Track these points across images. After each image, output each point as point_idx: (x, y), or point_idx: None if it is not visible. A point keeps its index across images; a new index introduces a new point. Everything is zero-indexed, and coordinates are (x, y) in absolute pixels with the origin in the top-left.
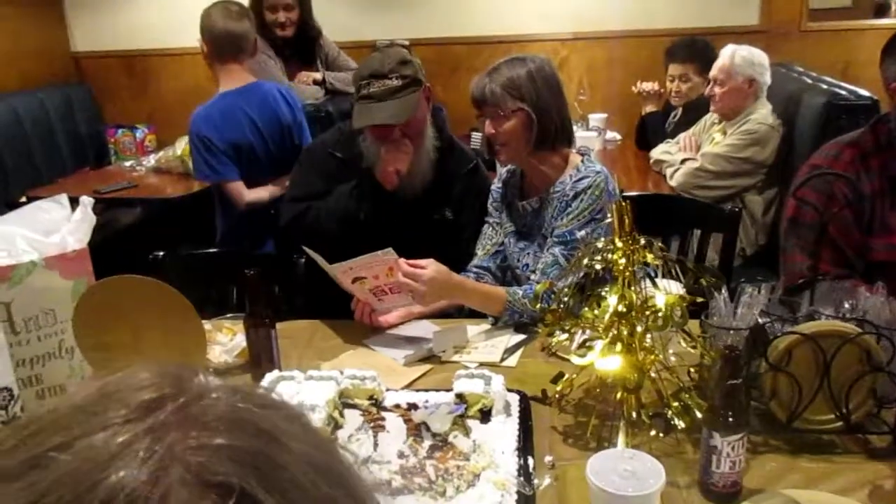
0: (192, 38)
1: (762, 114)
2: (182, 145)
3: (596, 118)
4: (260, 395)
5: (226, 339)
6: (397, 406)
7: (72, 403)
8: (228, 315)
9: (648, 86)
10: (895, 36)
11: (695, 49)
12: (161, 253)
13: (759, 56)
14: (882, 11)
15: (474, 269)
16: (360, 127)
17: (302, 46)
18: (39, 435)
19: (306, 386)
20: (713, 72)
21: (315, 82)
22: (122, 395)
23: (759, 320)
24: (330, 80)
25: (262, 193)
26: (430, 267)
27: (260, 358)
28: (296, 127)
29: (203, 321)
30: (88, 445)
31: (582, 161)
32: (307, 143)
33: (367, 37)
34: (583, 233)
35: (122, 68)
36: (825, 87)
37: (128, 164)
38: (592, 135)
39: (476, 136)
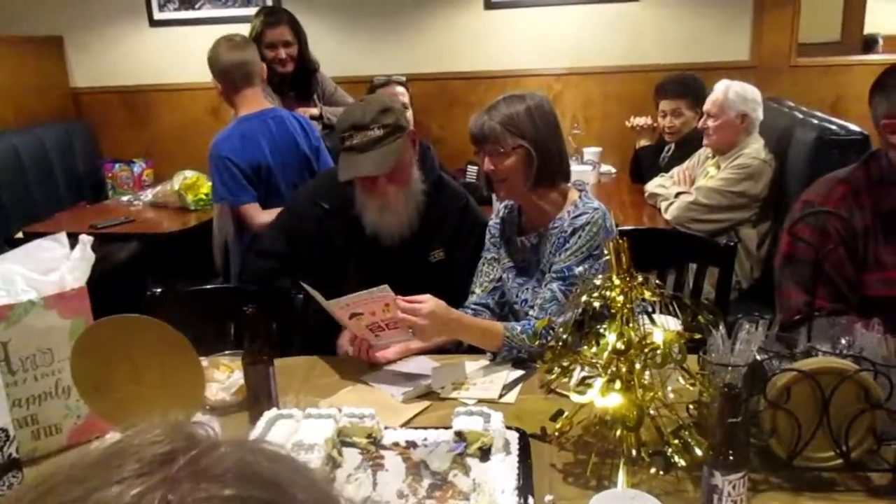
0: (190, 74)
1: (755, 148)
2: (180, 180)
3: (591, 152)
4: (267, 448)
5: (223, 377)
6: (396, 444)
7: (87, 459)
8: (226, 352)
9: (641, 120)
10: (883, 74)
11: (685, 84)
12: (159, 290)
13: (753, 92)
14: (870, 46)
15: (472, 307)
16: (344, 179)
17: (300, 82)
18: (57, 489)
19: (304, 424)
20: (707, 105)
21: (312, 118)
22: (135, 449)
23: (757, 357)
24: (327, 116)
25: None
26: (429, 301)
27: (258, 395)
28: (313, 153)
29: (200, 358)
30: (103, 498)
31: (580, 197)
32: (326, 161)
33: (364, 72)
34: (581, 269)
35: (120, 103)
36: (816, 121)
37: (125, 198)
38: (587, 168)
39: (472, 170)
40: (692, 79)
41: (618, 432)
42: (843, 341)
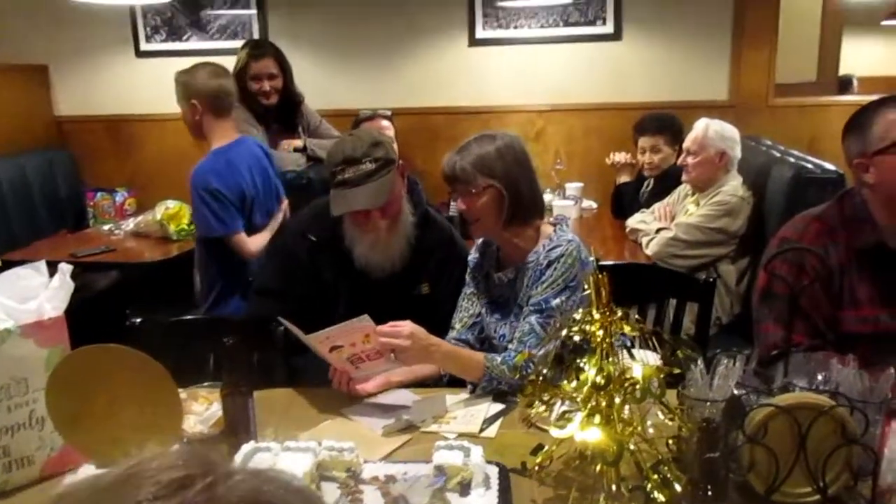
0: (175, 105)
1: (733, 185)
2: (162, 210)
3: (572, 187)
4: (281, 478)
5: (201, 409)
6: (375, 478)
7: (104, 482)
8: (205, 384)
9: (621, 156)
10: (855, 115)
11: (664, 122)
12: (138, 319)
13: (731, 131)
14: (845, 87)
15: (452, 342)
16: (338, 214)
17: (284, 114)
18: None
19: (283, 457)
20: (686, 143)
21: (296, 149)
22: (152, 473)
23: (735, 392)
24: (311, 147)
25: (261, 241)
26: (409, 325)
27: (236, 428)
28: (274, 176)
29: (179, 390)
30: None
31: (554, 230)
32: (283, 191)
33: (349, 105)
34: (558, 301)
35: (104, 132)
36: (793, 160)
37: (106, 227)
38: (569, 203)
39: (455, 205)
40: (670, 117)
41: (598, 467)
42: (820, 377)
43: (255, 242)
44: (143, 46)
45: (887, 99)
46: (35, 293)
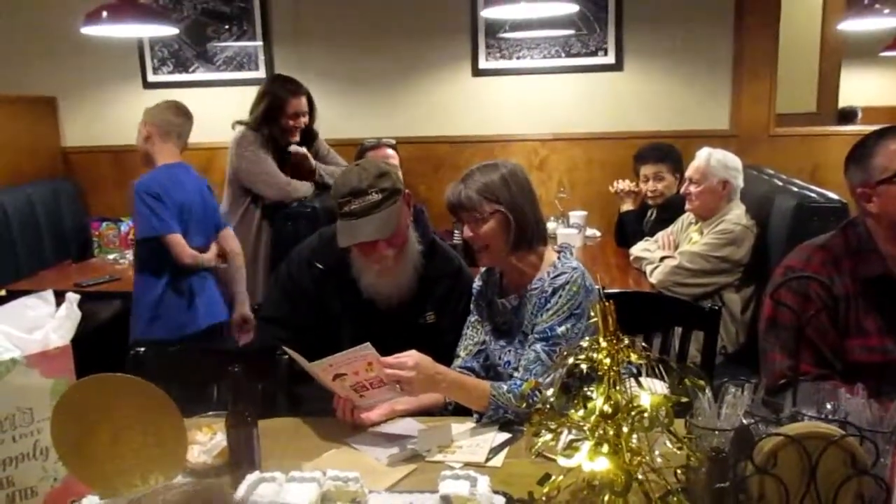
0: None
1: (736, 214)
2: None
3: (576, 215)
4: None
5: (205, 439)
6: None
7: None
8: (209, 413)
9: (624, 185)
10: (857, 144)
11: (664, 151)
12: (142, 349)
13: (733, 160)
14: (849, 118)
15: (457, 370)
16: (345, 245)
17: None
18: None
19: (287, 488)
20: (689, 172)
21: (308, 170)
22: None
23: (744, 421)
24: (320, 173)
25: (202, 255)
26: (414, 354)
27: (240, 458)
28: (213, 208)
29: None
30: None
31: (558, 258)
32: (225, 222)
33: (354, 135)
34: (563, 328)
35: (110, 162)
36: (795, 189)
37: (111, 256)
38: (573, 232)
39: (458, 233)
40: (669, 146)
41: (606, 497)
42: (829, 406)
43: (196, 254)
44: (151, 78)
45: (888, 129)
46: (42, 323)
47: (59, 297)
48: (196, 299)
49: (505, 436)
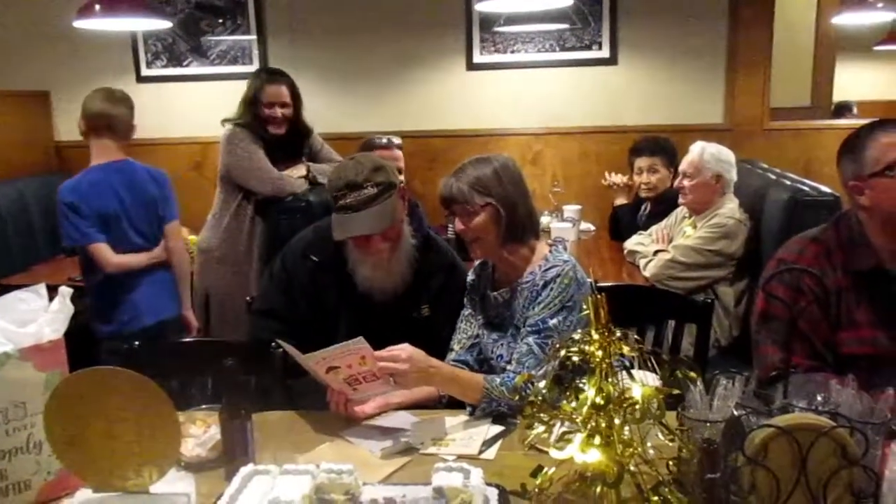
0: (175, 129)
1: (730, 208)
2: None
3: (570, 209)
4: None
5: (199, 432)
6: (374, 501)
7: None
8: (203, 406)
9: (618, 178)
10: (849, 137)
11: (659, 144)
12: (136, 343)
13: (727, 154)
14: (843, 113)
15: (451, 363)
16: (340, 239)
17: (291, 145)
18: None
19: (281, 480)
20: (683, 166)
21: (299, 177)
22: None
23: (735, 412)
24: (314, 174)
25: (130, 259)
26: (407, 348)
27: (234, 451)
28: (161, 201)
29: (177, 413)
30: None
31: (550, 251)
32: (172, 216)
33: (348, 129)
34: (555, 321)
35: None
36: (789, 183)
37: None
38: (567, 226)
39: (451, 227)
40: (664, 140)
41: (598, 489)
42: (819, 398)
43: (121, 259)
44: (144, 72)
45: (880, 122)
46: (35, 317)
47: (52, 292)
48: (140, 297)
49: (498, 428)
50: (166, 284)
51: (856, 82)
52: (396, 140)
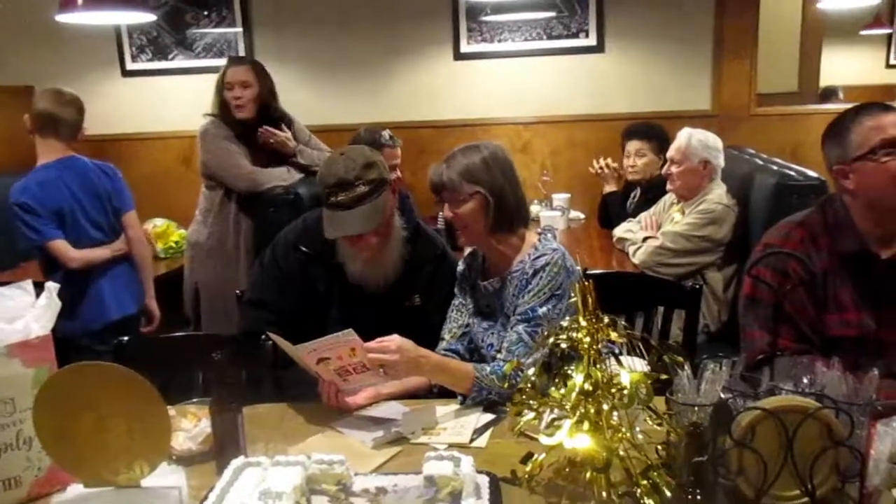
0: (162, 123)
1: (718, 194)
2: (149, 229)
3: (560, 198)
4: None
5: (190, 426)
6: (366, 491)
7: None
8: (194, 400)
9: (604, 162)
10: (834, 121)
11: (651, 130)
12: (125, 338)
13: (714, 140)
14: (828, 97)
15: (442, 353)
16: (332, 237)
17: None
18: None
19: (272, 472)
20: (670, 152)
21: (286, 141)
22: None
23: (722, 396)
24: (301, 149)
25: (91, 253)
26: (396, 339)
27: (225, 445)
28: (115, 194)
29: (167, 407)
30: None
31: (539, 240)
32: (128, 207)
33: (335, 121)
34: (545, 309)
35: (90, 153)
36: (776, 168)
37: None
38: (556, 214)
39: (442, 217)
40: (658, 127)
41: (587, 474)
42: (805, 380)
43: (81, 253)
44: (129, 66)
45: (864, 106)
46: (22, 313)
47: (41, 288)
48: (103, 292)
49: (489, 417)
50: (128, 278)
51: (842, 67)
52: (397, 140)
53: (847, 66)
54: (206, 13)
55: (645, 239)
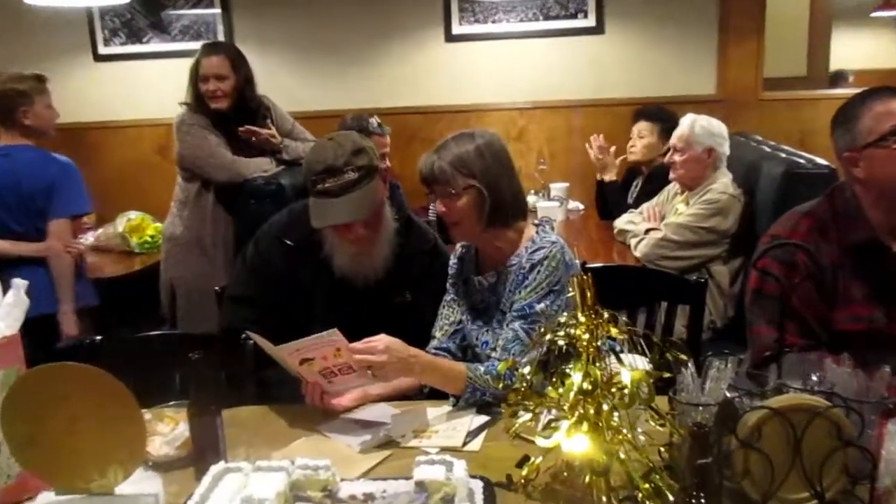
0: (137, 111)
1: (723, 183)
2: (123, 222)
3: (557, 188)
4: None
5: (167, 430)
6: (353, 497)
7: None
8: (171, 403)
9: (600, 139)
10: (843, 107)
11: (659, 113)
12: (98, 337)
13: (718, 127)
14: (837, 81)
15: (433, 351)
16: (320, 226)
17: (242, 121)
18: None
19: (254, 478)
20: (673, 140)
21: (270, 139)
22: None
23: (728, 395)
24: (286, 143)
25: (9, 247)
26: (384, 338)
27: (204, 449)
28: (42, 196)
29: (143, 410)
30: None
31: (537, 232)
32: (58, 213)
33: (319, 107)
34: (542, 305)
35: (60, 141)
36: (784, 155)
37: None
38: (555, 205)
39: (434, 208)
40: (670, 111)
41: (586, 478)
42: (814, 377)
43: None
44: (102, 50)
45: (874, 90)
46: None
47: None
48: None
49: (482, 419)
50: (40, 281)
51: (853, 50)
52: (386, 128)
53: (857, 49)
54: None
55: (647, 231)
